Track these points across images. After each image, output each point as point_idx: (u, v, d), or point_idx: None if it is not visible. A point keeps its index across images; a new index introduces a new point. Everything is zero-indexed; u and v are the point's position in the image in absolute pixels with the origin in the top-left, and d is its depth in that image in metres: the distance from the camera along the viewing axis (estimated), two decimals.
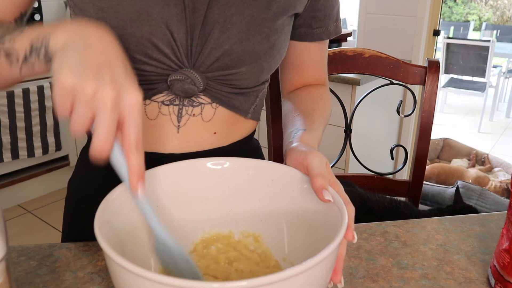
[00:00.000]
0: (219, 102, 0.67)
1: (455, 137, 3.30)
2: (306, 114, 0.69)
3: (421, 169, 1.21)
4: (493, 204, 2.05)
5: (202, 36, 0.62)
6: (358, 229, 0.74)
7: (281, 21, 0.66)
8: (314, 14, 0.72)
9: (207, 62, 0.63)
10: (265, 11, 0.63)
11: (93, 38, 0.47)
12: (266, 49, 0.65)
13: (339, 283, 0.49)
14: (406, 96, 2.37)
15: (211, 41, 0.62)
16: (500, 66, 5.54)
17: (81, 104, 0.42)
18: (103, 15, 0.60)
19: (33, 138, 2.58)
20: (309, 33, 0.74)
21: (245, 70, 0.65)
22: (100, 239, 0.40)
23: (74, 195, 0.79)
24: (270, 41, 0.65)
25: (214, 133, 0.69)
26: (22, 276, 0.60)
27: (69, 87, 0.42)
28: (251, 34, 0.63)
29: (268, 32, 0.64)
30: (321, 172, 0.51)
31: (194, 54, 0.63)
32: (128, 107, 0.43)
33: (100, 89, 0.42)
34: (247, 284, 0.35)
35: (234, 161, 0.57)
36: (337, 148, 1.36)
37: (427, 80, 1.16)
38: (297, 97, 0.76)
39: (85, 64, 0.43)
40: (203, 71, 0.64)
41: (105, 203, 0.47)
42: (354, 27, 2.86)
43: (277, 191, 0.56)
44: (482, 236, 0.74)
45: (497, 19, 10.82)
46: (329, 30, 0.75)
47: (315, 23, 0.73)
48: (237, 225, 0.58)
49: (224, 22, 0.61)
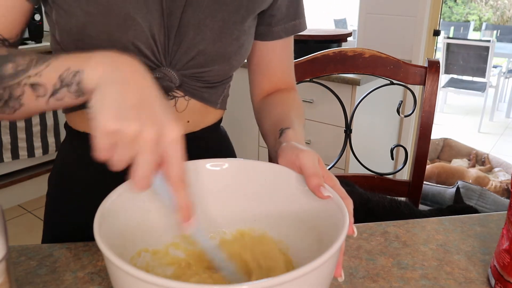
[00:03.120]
0: (191, 95, 0.73)
1: (455, 137, 3.29)
2: (283, 115, 0.70)
3: (421, 169, 1.21)
4: (493, 204, 2.05)
5: (178, 37, 0.66)
6: (358, 229, 0.74)
7: (248, 23, 0.71)
8: (273, 13, 0.74)
9: (183, 60, 0.68)
10: (235, 14, 0.68)
11: (128, 72, 0.47)
12: (236, 49, 0.71)
13: (340, 277, 0.49)
14: (406, 96, 2.37)
15: (187, 41, 0.66)
16: (500, 66, 5.54)
17: (123, 146, 0.43)
18: (91, 20, 0.61)
19: (33, 138, 2.58)
20: (269, 31, 0.76)
21: (217, 68, 0.71)
22: (99, 242, 0.40)
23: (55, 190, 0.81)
24: (239, 41, 0.70)
25: (188, 121, 0.75)
26: (22, 276, 0.60)
27: (111, 132, 0.42)
28: (223, 36, 0.68)
29: (237, 34, 0.69)
30: (314, 171, 0.52)
31: (171, 54, 0.67)
32: (170, 144, 0.44)
33: (141, 130, 0.42)
34: (250, 286, 0.35)
35: (233, 162, 0.58)
36: (337, 148, 1.36)
37: (427, 80, 1.16)
38: (269, 102, 0.77)
39: (124, 104, 0.44)
40: (179, 69, 0.69)
41: (104, 205, 0.47)
42: (354, 27, 2.86)
43: (276, 192, 0.56)
44: (482, 236, 0.74)
45: (497, 19, 10.82)
46: (287, 28, 0.77)
47: (274, 22, 0.75)
48: (237, 226, 0.58)
49: (198, 24, 0.66)
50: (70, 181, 0.78)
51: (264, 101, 0.79)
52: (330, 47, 1.28)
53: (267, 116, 0.75)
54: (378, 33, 2.53)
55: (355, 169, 1.82)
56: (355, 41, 2.69)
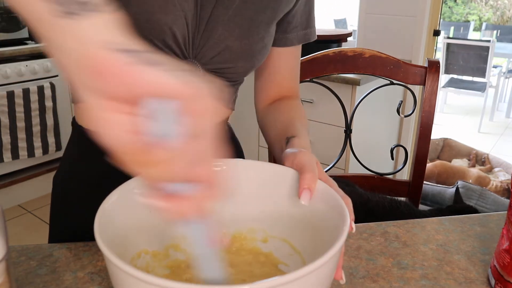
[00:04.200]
0: None
1: (455, 137, 3.29)
2: (289, 124, 0.71)
3: (421, 169, 1.21)
4: (493, 204, 2.05)
5: (206, 31, 0.67)
6: (358, 229, 0.74)
7: (273, 25, 0.73)
8: (289, 19, 0.75)
9: (209, 55, 0.68)
10: (262, 14, 0.69)
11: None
12: (260, 49, 0.72)
13: (341, 279, 0.49)
14: (406, 96, 2.37)
15: (215, 37, 0.67)
16: (500, 66, 5.54)
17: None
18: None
19: (33, 138, 2.58)
20: (283, 38, 0.77)
21: (240, 65, 0.71)
22: (100, 242, 0.40)
23: (61, 190, 0.80)
24: (264, 41, 0.72)
25: None
26: (22, 276, 0.60)
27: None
28: (250, 34, 0.69)
29: (263, 33, 0.71)
30: (310, 169, 0.52)
31: (198, 47, 0.68)
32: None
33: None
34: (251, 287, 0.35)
35: (231, 163, 0.57)
36: (337, 148, 1.36)
37: (427, 80, 1.16)
38: (275, 110, 0.78)
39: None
40: (204, 63, 0.69)
41: (105, 205, 0.47)
42: (354, 27, 2.86)
43: (275, 192, 0.56)
44: (482, 236, 0.74)
45: (497, 19, 10.82)
46: (299, 35, 0.78)
47: (289, 29, 0.76)
48: (236, 226, 0.58)
49: (228, 21, 0.67)
50: (77, 180, 0.78)
51: (269, 108, 0.80)
52: (330, 47, 1.27)
53: (272, 125, 0.75)
54: (378, 33, 2.53)
55: (355, 169, 1.83)
56: (355, 41, 2.69)
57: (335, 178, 1.20)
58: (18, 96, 2.46)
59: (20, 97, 2.47)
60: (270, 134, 0.75)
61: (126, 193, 0.49)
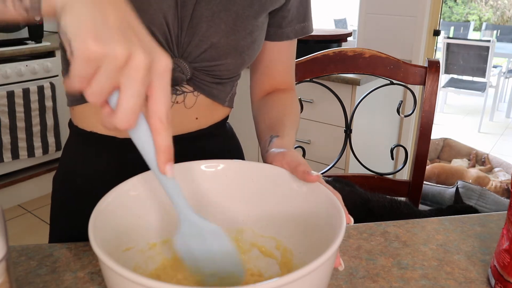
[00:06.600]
0: (200, 91, 0.72)
1: (455, 137, 3.29)
2: (277, 120, 0.71)
3: (421, 169, 1.21)
4: (493, 204, 2.04)
5: (190, 28, 0.66)
6: (358, 229, 0.74)
7: (261, 19, 0.71)
8: (284, 14, 0.75)
9: (195, 53, 0.68)
10: (248, 9, 0.68)
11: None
12: (249, 44, 0.70)
13: (339, 266, 0.50)
14: (406, 96, 2.37)
15: (199, 34, 0.66)
16: (500, 66, 5.54)
17: (108, 73, 0.37)
18: None
19: (33, 138, 2.58)
20: (278, 32, 0.77)
21: (229, 62, 0.70)
22: (93, 243, 0.40)
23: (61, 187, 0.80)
24: (252, 36, 0.70)
25: (196, 118, 0.75)
26: (22, 276, 0.60)
27: (95, 56, 0.36)
28: (237, 29, 0.68)
29: (251, 28, 0.69)
30: (303, 162, 0.54)
31: (183, 45, 0.67)
32: (160, 75, 0.39)
33: (131, 55, 0.37)
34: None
35: (228, 164, 0.57)
36: (337, 148, 1.36)
37: (427, 80, 1.16)
38: (266, 103, 0.78)
39: (106, 24, 0.37)
40: (191, 61, 0.68)
41: (100, 207, 0.47)
42: (354, 27, 2.86)
43: (272, 192, 0.56)
44: (482, 236, 0.74)
45: (497, 19, 10.82)
46: (296, 29, 0.78)
47: (284, 23, 0.76)
48: (234, 227, 0.58)
49: (212, 16, 0.66)
50: (76, 181, 0.77)
51: (262, 100, 0.80)
52: (330, 47, 1.28)
53: (262, 119, 0.75)
54: (378, 33, 2.53)
55: (355, 169, 1.83)
56: (355, 41, 2.69)
57: (335, 178, 1.21)
58: (18, 96, 2.46)
59: (20, 97, 2.47)
60: (259, 128, 0.75)
61: (122, 194, 0.49)
